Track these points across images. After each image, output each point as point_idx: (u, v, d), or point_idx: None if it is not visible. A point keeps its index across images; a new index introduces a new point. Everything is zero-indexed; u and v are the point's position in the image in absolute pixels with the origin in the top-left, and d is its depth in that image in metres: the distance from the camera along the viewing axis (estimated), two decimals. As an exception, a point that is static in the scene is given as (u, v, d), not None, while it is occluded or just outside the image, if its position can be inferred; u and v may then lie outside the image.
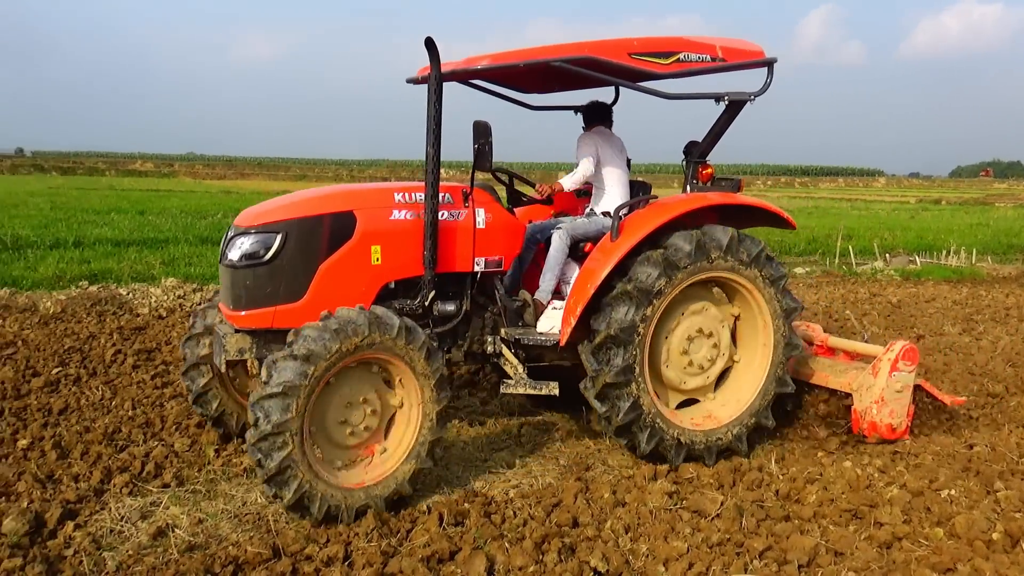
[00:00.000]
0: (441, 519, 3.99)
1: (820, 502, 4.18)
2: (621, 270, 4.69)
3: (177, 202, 25.08)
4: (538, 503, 4.23)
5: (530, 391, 4.75)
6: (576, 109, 5.88)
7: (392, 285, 4.68)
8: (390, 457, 4.21)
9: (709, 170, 5.38)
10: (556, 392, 4.74)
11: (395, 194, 4.66)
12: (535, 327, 5.04)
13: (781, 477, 4.57)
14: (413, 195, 4.68)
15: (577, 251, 5.29)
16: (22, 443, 4.90)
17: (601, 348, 4.65)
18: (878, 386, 5.06)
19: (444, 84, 4.49)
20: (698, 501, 4.21)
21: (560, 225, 5.37)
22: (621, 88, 5.79)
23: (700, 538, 3.82)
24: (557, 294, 5.22)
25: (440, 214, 4.61)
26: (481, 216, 4.83)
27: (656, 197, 5.33)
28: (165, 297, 9.39)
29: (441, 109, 4.39)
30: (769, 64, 5.03)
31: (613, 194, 5.54)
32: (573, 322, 4.71)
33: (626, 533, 3.90)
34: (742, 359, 5.21)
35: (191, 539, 3.81)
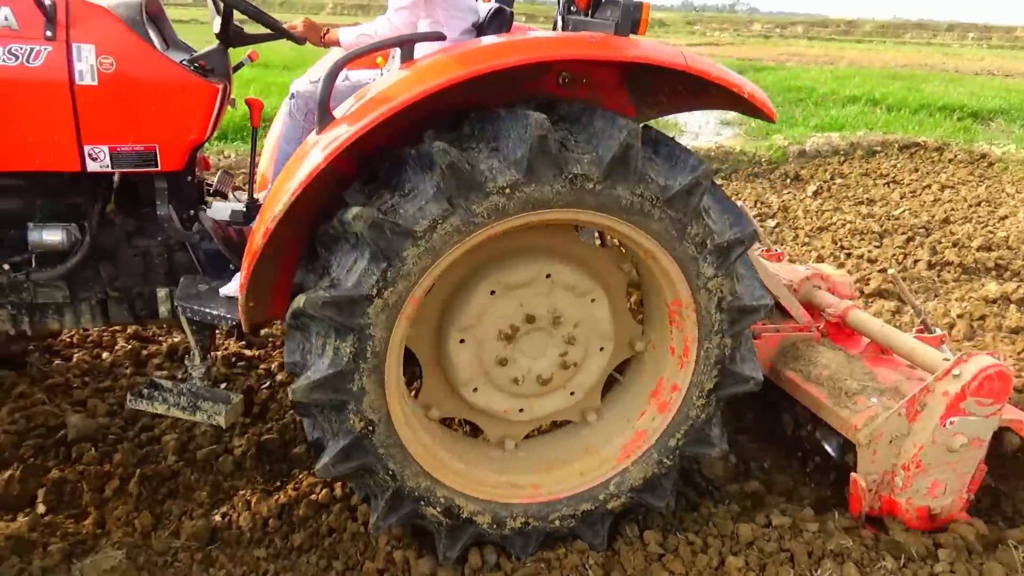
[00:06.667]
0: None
1: None
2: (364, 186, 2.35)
3: None
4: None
5: (176, 414, 2.69)
6: None
7: None
8: None
9: None
10: (222, 423, 2.67)
11: None
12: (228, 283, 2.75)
13: None
14: None
15: None
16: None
17: (298, 329, 2.35)
18: (914, 439, 2.63)
19: None
20: None
21: (297, 89, 2.96)
22: None
23: None
24: None
25: None
26: (89, 60, 2.40)
27: (475, 35, 2.96)
28: None
29: None
30: None
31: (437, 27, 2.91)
32: (242, 294, 2.39)
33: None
34: (652, 340, 2.79)
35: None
